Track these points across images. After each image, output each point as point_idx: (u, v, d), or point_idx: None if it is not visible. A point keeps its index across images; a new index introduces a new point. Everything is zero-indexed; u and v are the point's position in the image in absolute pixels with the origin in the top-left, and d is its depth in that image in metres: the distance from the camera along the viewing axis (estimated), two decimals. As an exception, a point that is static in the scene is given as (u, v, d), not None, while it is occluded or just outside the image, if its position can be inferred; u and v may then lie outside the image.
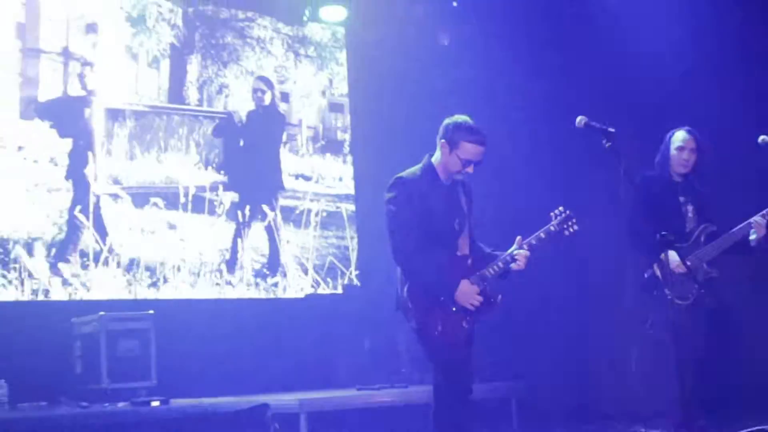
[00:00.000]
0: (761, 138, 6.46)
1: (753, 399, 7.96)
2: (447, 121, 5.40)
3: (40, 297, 8.38)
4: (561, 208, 5.55)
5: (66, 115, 8.77)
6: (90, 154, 8.82)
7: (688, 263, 6.45)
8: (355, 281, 10.32)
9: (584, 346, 8.74)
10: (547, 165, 8.92)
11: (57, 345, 8.01)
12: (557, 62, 9.22)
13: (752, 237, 6.61)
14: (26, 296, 8.33)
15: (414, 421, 8.50)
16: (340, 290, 10.19)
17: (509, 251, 5.38)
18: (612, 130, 5.39)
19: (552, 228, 5.48)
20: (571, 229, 5.53)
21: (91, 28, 9.06)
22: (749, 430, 3.29)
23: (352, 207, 10.48)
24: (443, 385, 5.37)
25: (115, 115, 9.08)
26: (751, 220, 6.64)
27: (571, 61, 9.24)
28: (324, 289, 10.14)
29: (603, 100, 8.20)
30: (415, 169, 5.44)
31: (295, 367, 9.02)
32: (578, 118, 5.28)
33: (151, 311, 8.20)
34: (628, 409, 8.03)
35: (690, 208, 6.81)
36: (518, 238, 5.42)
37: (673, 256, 6.40)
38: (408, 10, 9.99)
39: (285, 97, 10.36)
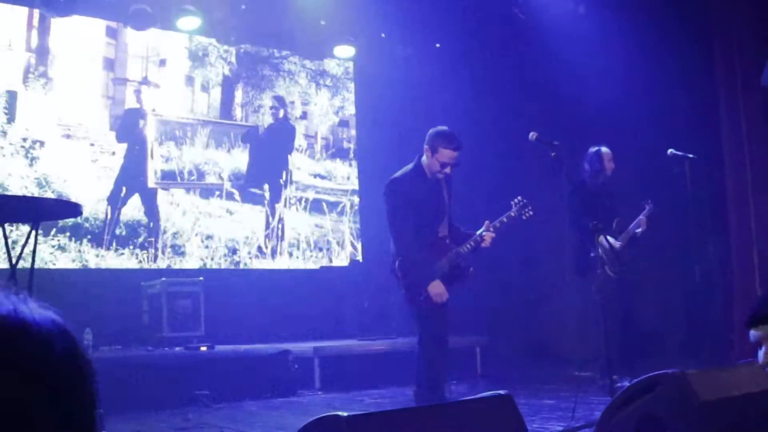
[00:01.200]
0: (669, 151, 6.52)
1: (659, 348, 8.03)
2: (431, 130, 5.37)
3: (116, 265, 8.43)
4: (519, 197, 5.58)
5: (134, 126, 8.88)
6: (148, 155, 8.90)
7: (620, 243, 6.66)
8: (359, 256, 10.36)
9: (534, 307, 8.78)
10: (511, 168, 8.93)
11: (130, 303, 8.06)
12: (515, 88, 9.25)
13: (638, 230, 6.81)
14: (106, 265, 8.39)
15: (401, 363, 8.56)
16: (346, 263, 10.22)
17: (479, 232, 5.40)
18: (557, 143, 5.46)
19: (513, 213, 5.51)
20: (528, 214, 5.57)
21: (162, 62, 9.13)
22: (657, 372, 3.34)
23: (356, 199, 10.52)
24: (426, 337, 5.36)
25: (175, 125, 9.16)
26: (640, 218, 6.84)
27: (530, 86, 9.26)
28: (335, 262, 10.19)
29: (549, 118, 8.24)
30: (406, 168, 5.43)
31: (310, 322, 9.05)
32: (531, 134, 5.33)
33: (201, 278, 8.25)
34: (567, 356, 8.08)
35: (608, 205, 6.99)
36: (486, 222, 5.44)
37: (610, 239, 6.57)
38: (402, 50, 10.01)
39: (305, 115, 10.41)
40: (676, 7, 8.16)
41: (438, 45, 9.98)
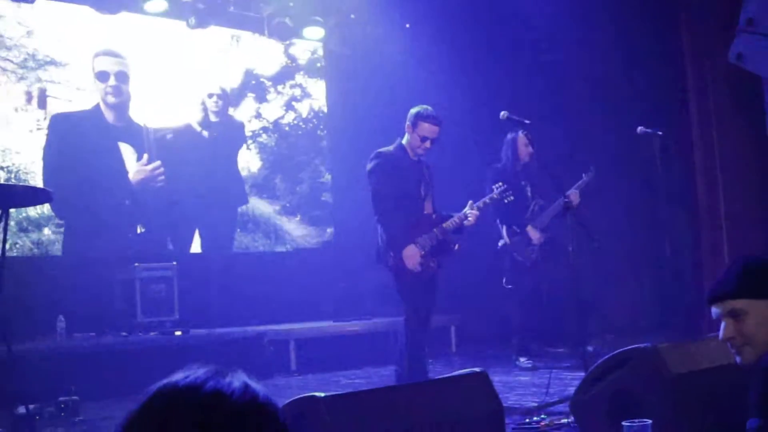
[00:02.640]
0: (639, 128, 6.56)
1: (631, 323, 8.14)
2: (411, 109, 5.52)
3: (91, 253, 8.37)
4: (500, 183, 5.86)
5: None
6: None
7: (527, 230, 6.98)
8: (332, 239, 10.35)
9: (503, 289, 8.85)
10: (482, 146, 8.92)
11: (103, 289, 8.02)
12: (487, 66, 9.25)
13: (573, 205, 6.87)
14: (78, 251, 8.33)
15: (376, 343, 8.61)
16: (320, 246, 10.21)
17: (463, 211, 5.52)
18: (528, 122, 5.51)
19: (495, 196, 5.77)
20: (509, 198, 5.86)
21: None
22: (629, 347, 3.39)
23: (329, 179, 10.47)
24: (409, 313, 5.42)
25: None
26: (569, 192, 6.85)
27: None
28: (308, 245, 10.17)
29: (521, 96, 8.26)
30: (390, 147, 5.55)
31: (285, 304, 9.05)
32: (502, 113, 5.37)
33: (174, 263, 8.21)
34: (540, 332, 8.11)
35: (528, 188, 7.09)
36: (470, 201, 5.57)
37: (531, 230, 6.92)
38: (371, 31, 9.95)
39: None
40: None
41: (408, 25, 9.95)
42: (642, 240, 8.45)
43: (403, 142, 5.53)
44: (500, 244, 7.08)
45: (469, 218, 5.49)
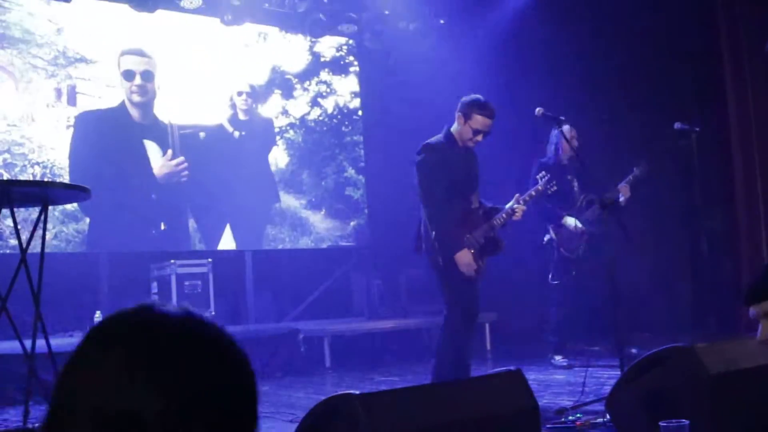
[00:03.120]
0: (676, 124, 6.50)
1: (667, 321, 8.07)
2: (464, 98, 5.27)
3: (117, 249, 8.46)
4: (543, 172, 5.68)
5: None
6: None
7: (580, 225, 6.89)
8: (367, 237, 10.37)
9: (543, 283, 8.79)
10: (517, 142, 8.90)
11: (139, 285, 8.11)
12: (521, 62, 9.20)
13: (621, 198, 6.83)
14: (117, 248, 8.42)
15: (410, 341, 8.62)
16: (354, 243, 10.24)
17: (508, 205, 5.35)
18: (562, 118, 5.47)
19: (540, 188, 5.54)
20: (552, 189, 5.66)
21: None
22: (666, 346, 3.37)
23: (363, 178, 10.48)
24: (454, 310, 5.20)
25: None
26: (619, 185, 6.84)
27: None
28: (343, 243, 10.21)
29: (556, 93, 8.20)
30: (438, 136, 5.30)
31: (320, 301, 9.09)
32: (537, 109, 5.33)
33: (210, 259, 8.27)
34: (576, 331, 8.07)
35: (575, 182, 7.04)
36: (516, 195, 5.39)
37: (569, 221, 6.73)
38: (405, 27, 9.96)
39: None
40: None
41: (442, 21, 9.94)
42: (679, 238, 8.37)
43: (452, 130, 5.29)
44: (546, 239, 6.99)
45: (517, 213, 5.32)
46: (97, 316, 7.30)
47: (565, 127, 6.96)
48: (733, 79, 7.92)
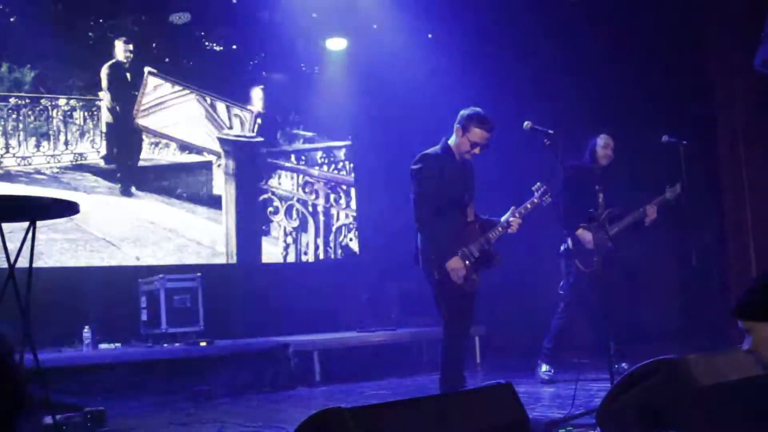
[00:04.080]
0: (664, 137, 6.53)
1: (656, 333, 8.08)
2: (463, 111, 5.30)
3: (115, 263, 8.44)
4: (539, 183, 5.53)
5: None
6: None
7: (598, 240, 6.61)
8: (355, 249, 10.37)
9: (528, 301, 8.80)
10: (505, 156, 8.91)
11: (128, 300, 8.08)
12: (510, 76, 9.22)
13: (647, 220, 6.76)
14: (105, 263, 8.40)
15: (400, 354, 8.60)
16: (341, 256, 10.24)
17: (504, 218, 5.35)
18: (551, 131, 5.47)
19: (535, 200, 5.46)
20: (548, 200, 5.52)
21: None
22: (655, 359, 3.37)
23: (353, 190, 10.50)
24: (450, 323, 5.22)
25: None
26: (646, 207, 6.77)
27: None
28: (331, 255, 10.20)
29: (544, 106, 8.22)
30: (436, 147, 5.32)
31: (309, 315, 9.07)
32: (525, 123, 5.34)
33: (199, 273, 8.25)
34: (567, 343, 8.07)
35: (601, 194, 6.93)
36: (512, 208, 5.38)
37: (585, 235, 6.61)
38: (394, 41, 9.98)
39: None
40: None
41: (430, 35, 9.96)
42: (668, 250, 8.40)
43: (450, 142, 5.32)
44: (562, 248, 6.79)
45: (512, 226, 5.32)
46: (86, 331, 7.28)
47: (602, 136, 6.95)
48: (721, 90, 7.96)
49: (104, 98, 8.66)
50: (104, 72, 8.68)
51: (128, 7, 8.80)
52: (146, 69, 8.94)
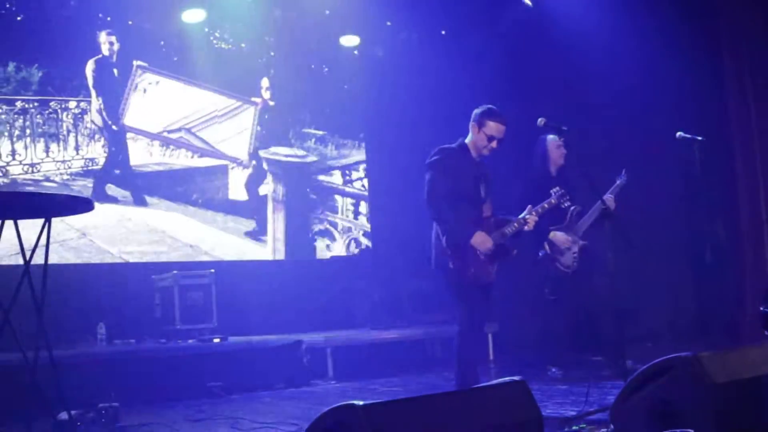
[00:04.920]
0: (678, 134, 6.50)
1: (671, 330, 8.05)
2: (476, 109, 5.38)
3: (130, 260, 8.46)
4: (558, 188, 5.65)
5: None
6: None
7: (571, 238, 6.77)
8: (369, 246, 10.36)
9: (539, 299, 8.77)
10: (519, 153, 8.90)
11: (142, 296, 8.10)
12: (523, 73, 9.20)
13: (610, 208, 6.75)
14: (118, 260, 8.42)
15: (413, 351, 8.60)
16: (357, 253, 10.24)
17: (521, 216, 5.39)
18: (565, 128, 5.46)
19: (553, 201, 5.57)
20: (566, 203, 5.69)
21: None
22: (670, 356, 3.36)
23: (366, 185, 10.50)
24: (464, 318, 5.25)
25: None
26: (605, 196, 6.71)
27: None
28: (345, 253, 10.21)
29: (557, 103, 8.19)
30: (453, 144, 5.39)
31: (322, 312, 9.07)
32: (539, 119, 5.34)
33: (212, 270, 8.26)
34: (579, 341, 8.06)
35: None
36: (529, 206, 5.44)
37: (558, 236, 6.64)
38: (407, 38, 9.98)
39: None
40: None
41: (443, 32, 9.95)
42: (682, 246, 8.37)
43: (467, 141, 5.38)
44: (541, 253, 6.92)
45: (529, 223, 5.37)
46: (100, 328, 7.31)
47: (551, 137, 6.94)
48: (735, 86, 7.92)
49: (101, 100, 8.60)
50: (89, 68, 8.55)
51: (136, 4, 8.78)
52: (144, 70, 8.93)
